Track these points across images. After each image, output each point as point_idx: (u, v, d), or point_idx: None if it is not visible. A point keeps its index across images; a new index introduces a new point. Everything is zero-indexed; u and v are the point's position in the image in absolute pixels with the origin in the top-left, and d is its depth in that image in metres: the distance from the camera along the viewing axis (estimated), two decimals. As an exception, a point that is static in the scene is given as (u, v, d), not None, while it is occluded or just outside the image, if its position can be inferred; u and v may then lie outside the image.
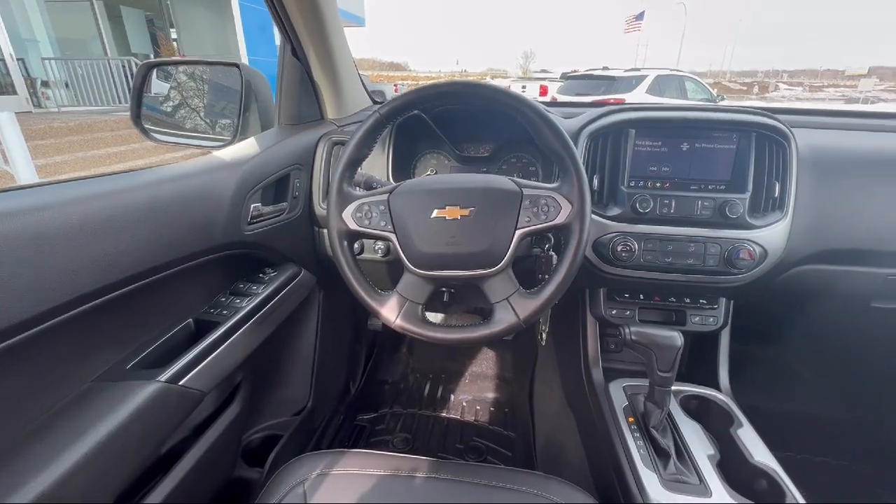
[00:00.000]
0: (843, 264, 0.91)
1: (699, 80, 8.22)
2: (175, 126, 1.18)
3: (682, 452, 0.77)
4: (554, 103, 1.41)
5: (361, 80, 1.25)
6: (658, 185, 0.91)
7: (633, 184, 0.91)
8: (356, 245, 1.04)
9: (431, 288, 0.72)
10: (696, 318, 0.99)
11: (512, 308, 0.69)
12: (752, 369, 1.19)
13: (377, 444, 1.38)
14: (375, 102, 1.35)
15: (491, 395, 1.62)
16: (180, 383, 0.66)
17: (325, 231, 1.06)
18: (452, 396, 1.61)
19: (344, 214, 0.72)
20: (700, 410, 0.88)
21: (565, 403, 1.19)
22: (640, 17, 27.03)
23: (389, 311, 0.70)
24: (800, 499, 0.66)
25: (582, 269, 0.94)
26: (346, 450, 0.75)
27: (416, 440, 1.40)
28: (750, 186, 0.87)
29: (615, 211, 0.91)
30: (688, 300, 0.99)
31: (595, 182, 0.92)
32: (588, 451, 1.01)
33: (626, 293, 1.01)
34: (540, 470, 0.74)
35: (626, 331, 0.76)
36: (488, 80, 0.72)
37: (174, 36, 11.09)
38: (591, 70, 8.22)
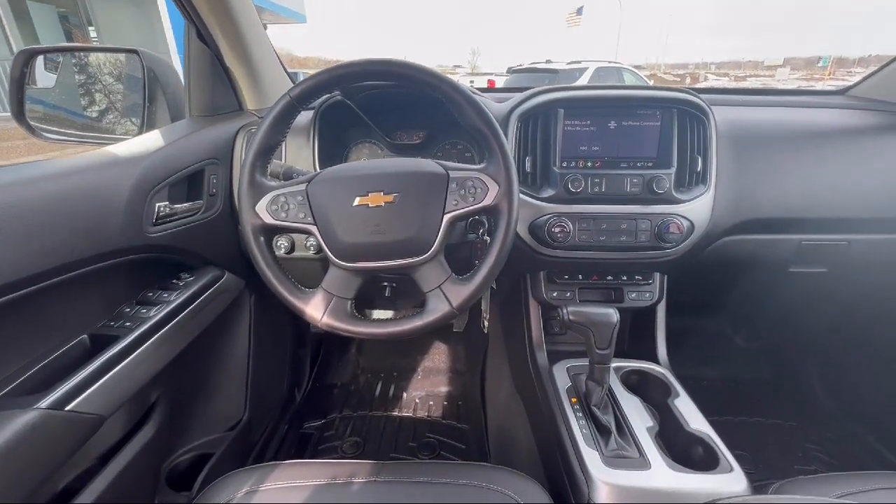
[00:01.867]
0: (764, 233, 0.96)
1: (637, 72, 8.57)
2: (70, 122, 1.05)
3: (623, 427, 0.77)
4: (487, 89, 1.40)
5: (283, 68, 1.17)
6: (589, 164, 0.91)
7: (564, 164, 0.91)
8: (286, 243, 0.98)
9: (359, 281, 0.68)
10: (633, 295, 1.00)
11: (445, 296, 0.67)
12: (688, 341, 1.23)
13: (325, 451, 1.32)
14: None
15: (444, 389, 1.59)
16: (67, 408, 0.58)
17: None
18: (405, 394, 1.57)
19: (258, 208, 0.66)
20: (640, 385, 0.89)
21: (515, 391, 1.18)
22: (579, 11, 27.93)
23: (314, 309, 0.66)
24: (731, 461, 0.68)
25: (520, 252, 0.93)
26: (279, 462, 0.70)
27: (366, 443, 1.35)
28: (675, 162, 0.89)
29: (549, 192, 0.90)
30: (624, 277, 1.01)
31: (528, 164, 0.91)
32: (536, 436, 1.00)
33: (565, 275, 1.01)
34: (493, 459, 0.71)
35: (564, 311, 0.75)
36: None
37: (94, 34, 10.18)
38: (534, 63, 8.38)
